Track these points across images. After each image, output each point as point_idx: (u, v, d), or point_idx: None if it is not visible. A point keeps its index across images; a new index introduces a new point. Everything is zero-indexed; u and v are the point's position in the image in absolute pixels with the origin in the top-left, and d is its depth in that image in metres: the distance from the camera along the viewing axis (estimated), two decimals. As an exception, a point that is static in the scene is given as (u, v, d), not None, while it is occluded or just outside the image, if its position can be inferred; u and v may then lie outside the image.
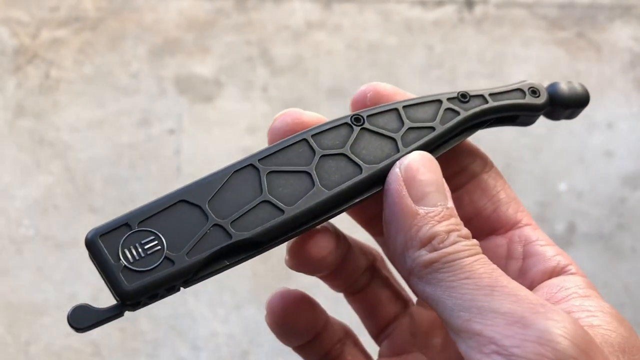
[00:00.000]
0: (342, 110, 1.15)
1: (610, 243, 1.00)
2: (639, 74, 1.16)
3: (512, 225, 0.35)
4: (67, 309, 0.29)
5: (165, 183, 1.03)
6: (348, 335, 0.38)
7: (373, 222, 0.37)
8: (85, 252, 0.30)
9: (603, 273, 0.97)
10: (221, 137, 1.08)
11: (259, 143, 1.07)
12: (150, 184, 1.03)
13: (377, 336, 0.38)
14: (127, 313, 0.30)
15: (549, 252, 0.34)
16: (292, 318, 0.36)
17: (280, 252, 0.37)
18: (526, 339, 0.27)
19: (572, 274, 0.34)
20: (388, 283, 0.38)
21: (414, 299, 0.39)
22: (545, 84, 0.36)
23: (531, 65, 1.16)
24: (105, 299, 0.30)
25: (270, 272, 0.96)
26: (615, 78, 1.15)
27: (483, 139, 0.35)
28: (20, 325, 0.93)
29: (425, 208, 0.30)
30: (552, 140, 1.07)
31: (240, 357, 0.92)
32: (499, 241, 0.35)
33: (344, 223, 0.37)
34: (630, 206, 1.03)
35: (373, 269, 0.38)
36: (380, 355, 0.37)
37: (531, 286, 0.34)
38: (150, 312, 0.92)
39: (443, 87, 1.13)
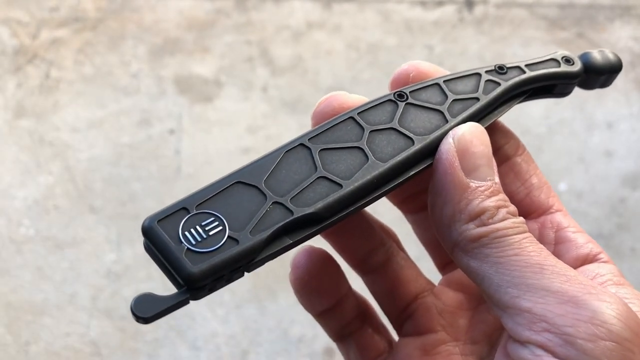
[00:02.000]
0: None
1: (610, 243, 1.00)
2: (639, 74, 1.16)
3: (545, 211, 0.35)
4: (68, 309, 0.29)
5: (165, 183, 1.03)
6: (369, 309, 0.38)
7: (407, 200, 0.37)
8: (86, 251, 0.30)
9: (603, 273, 0.97)
10: (221, 137, 1.08)
11: (259, 143, 1.07)
12: (150, 184, 1.03)
13: (397, 317, 0.37)
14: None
15: (581, 239, 0.34)
16: (317, 276, 0.35)
17: (289, 254, 0.37)
18: (579, 319, 0.27)
19: (604, 262, 0.33)
20: (409, 262, 0.38)
21: (435, 282, 0.38)
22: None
23: (531, 65, 1.16)
24: (105, 298, 0.30)
25: (270, 272, 0.96)
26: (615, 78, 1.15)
27: (506, 118, 0.35)
28: (20, 325, 0.94)
29: (475, 182, 0.30)
30: (552, 140, 1.07)
31: (240, 357, 0.92)
32: (532, 225, 0.35)
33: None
34: (630, 206, 1.03)
35: (392, 248, 0.37)
36: (405, 334, 0.37)
37: None
38: (150, 312, 0.92)
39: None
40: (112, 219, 1.00)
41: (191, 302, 0.29)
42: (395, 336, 0.38)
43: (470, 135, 0.31)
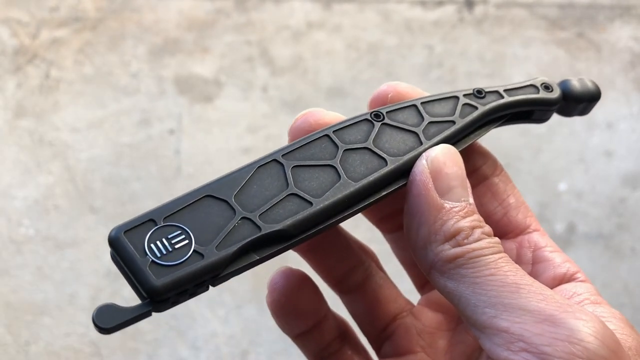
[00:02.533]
0: (342, 110, 1.15)
1: (610, 243, 1.00)
2: (639, 74, 1.16)
3: (522, 230, 0.35)
4: (68, 309, 0.29)
5: (165, 183, 1.03)
6: (348, 330, 0.37)
7: (385, 219, 0.37)
8: (86, 251, 0.30)
9: (603, 273, 0.97)
10: (221, 137, 1.08)
11: (259, 143, 1.07)
12: (150, 184, 1.03)
13: (376, 337, 0.37)
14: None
15: (558, 259, 0.34)
16: (294, 298, 0.35)
17: (276, 265, 0.37)
18: (557, 338, 0.27)
19: (581, 281, 0.34)
20: (387, 282, 0.38)
21: (414, 301, 0.38)
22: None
23: (531, 65, 1.16)
24: (105, 298, 0.30)
25: (270, 273, 0.96)
26: (615, 78, 1.15)
27: (483, 139, 0.35)
28: (20, 325, 0.94)
29: (450, 202, 0.30)
30: (552, 140, 1.07)
31: (240, 357, 0.92)
32: (509, 245, 0.35)
33: (348, 221, 0.37)
34: (630, 206, 1.03)
35: (371, 267, 0.37)
36: (384, 355, 0.37)
37: None
38: (150, 312, 0.92)
39: (443, 87, 1.13)
40: (112, 219, 1.00)
41: (154, 313, 0.28)
42: (374, 357, 0.38)
43: (443, 157, 0.31)
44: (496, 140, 1.03)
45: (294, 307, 0.35)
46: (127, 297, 0.93)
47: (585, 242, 1.00)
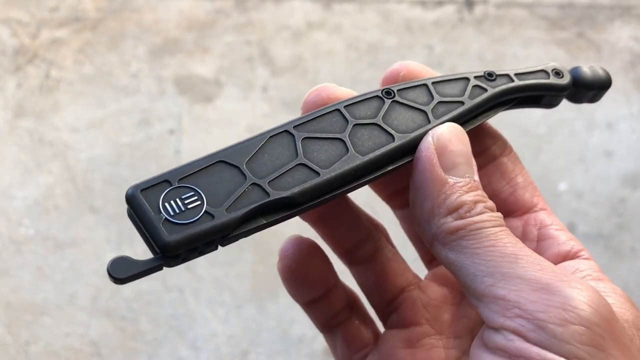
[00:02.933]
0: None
1: (610, 243, 1.00)
2: (639, 74, 1.16)
3: (528, 209, 0.36)
4: (68, 309, 0.29)
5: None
6: (356, 301, 0.38)
7: (394, 195, 0.38)
8: (86, 251, 0.30)
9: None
10: (221, 137, 1.08)
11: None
12: (150, 184, 1.03)
13: (383, 309, 0.38)
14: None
15: (563, 237, 0.35)
16: (305, 265, 0.36)
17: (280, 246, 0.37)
18: (551, 305, 0.27)
19: (585, 258, 0.35)
20: (397, 255, 0.38)
21: (421, 275, 0.39)
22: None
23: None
24: (105, 298, 0.30)
25: (270, 272, 0.96)
26: (615, 78, 1.15)
27: (494, 120, 0.36)
28: (20, 325, 0.94)
29: (454, 178, 0.31)
30: (552, 140, 1.07)
31: (240, 357, 0.92)
32: (515, 223, 0.36)
33: (361, 197, 0.37)
34: (630, 206, 1.03)
35: (380, 240, 0.38)
36: (390, 326, 0.38)
37: None
38: (150, 312, 0.92)
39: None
40: (112, 219, 1.00)
41: (165, 268, 0.30)
42: (381, 329, 0.38)
43: (449, 135, 0.32)
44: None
45: (304, 274, 0.36)
46: (128, 297, 0.93)
47: (585, 242, 0.99)
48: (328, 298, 0.37)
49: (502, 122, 0.37)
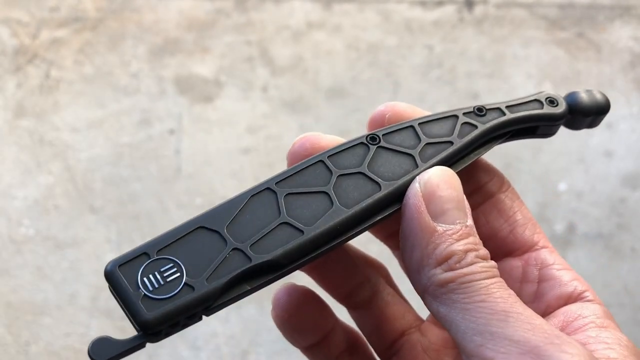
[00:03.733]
0: (341, 110, 1.15)
1: (610, 243, 1.00)
2: (639, 74, 1.16)
3: (529, 248, 0.35)
4: (67, 309, 0.29)
5: (165, 183, 1.03)
6: (358, 341, 0.37)
7: (392, 237, 0.37)
8: (86, 251, 0.30)
9: (603, 273, 0.97)
10: (221, 137, 1.08)
11: (259, 143, 1.07)
12: (150, 184, 1.03)
13: (383, 353, 0.37)
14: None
15: (566, 277, 0.34)
16: (298, 314, 0.35)
17: (281, 280, 0.37)
18: None
19: (589, 301, 0.33)
20: (396, 298, 0.37)
21: (423, 316, 0.38)
22: (563, 94, 0.36)
23: (531, 65, 1.16)
24: (105, 298, 0.30)
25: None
26: (615, 78, 1.15)
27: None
28: (20, 325, 0.94)
29: (443, 225, 0.30)
30: (552, 140, 1.07)
31: (240, 357, 0.92)
32: (515, 263, 0.35)
33: (360, 237, 0.36)
34: (630, 206, 1.03)
35: (379, 283, 0.37)
36: None
37: (546, 311, 0.33)
38: (150, 312, 0.92)
39: (443, 87, 1.13)
40: (112, 219, 1.00)
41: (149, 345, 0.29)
42: None
43: (437, 179, 0.31)
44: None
45: (298, 323, 0.35)
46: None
47: (585, 242, 1.00)
48: (327, 342, 0.36)
49: (485, 158, 0.36)
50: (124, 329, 0.93)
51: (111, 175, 1.04)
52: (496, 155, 0.38)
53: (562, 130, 0.37)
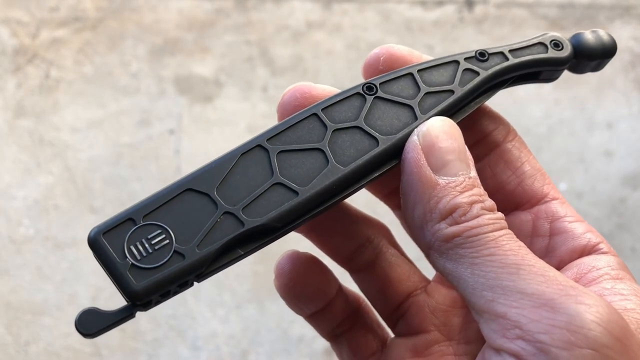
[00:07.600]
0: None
1: (610, 243, 1.00)
2: (639, 74, 1.16)
3: (538, 200, 0.33)
4: (68, 309, 0.28)
5: (165, 183, 1.03)
6: (362, 307, 0.36)
7: (392, 195, 0.35)
8: (86, 251, 0.29)
9: (603, 273, 0.97)
10: (221, 137, 1.08)
11: (259, 143, 1.07)
12: (150, 184, 1.03)
13: (389, 316, 0.36)
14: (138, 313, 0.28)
15: (579, 229, 0.32)
16: (302, 281, 0.34)
17: (280, 250, 0.37)
18: (555, 325, 0.25)
19: (603, 252, 0.31)
20: (400, 259, 0.36)
21: (429, 276, 0.36)
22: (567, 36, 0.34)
23: (531, 65, 1.16)
24: (105, 298, 0.30)
25: (270, 272, 0.96)
26: (615, 78, 1.15)
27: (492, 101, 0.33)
28: (20, 325, 0.93)
29: (445, 178, 0.28)
30: (552, 140, 1.07)
31: (240, 357, 0.92)
32: (524, 217, 0.33)
33: (361, 198, 0.35)
34: (630, 206, 1.03)
35: (381, 244, 0.36)
36: (398, 334, 0.35)
37: (559, 266, 0.31)
38: (150, 312, 0.92)
39: (443, 87, 1.13)
40: (112, 219, 1.00)
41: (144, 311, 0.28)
42: (391, 332, 0.37)
43: (436, 131, 0.29)
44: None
45: (301, 291, 0.34)
46: (127, 297, 0.93)
47: (585, 242, 1.00)
48: (330, 309, 0.35)
49: (490, 105, 0.34)
50: (124, 330, 0.93)
51: (111, 175, 1.04)
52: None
53: (562, 130, 0.36)
